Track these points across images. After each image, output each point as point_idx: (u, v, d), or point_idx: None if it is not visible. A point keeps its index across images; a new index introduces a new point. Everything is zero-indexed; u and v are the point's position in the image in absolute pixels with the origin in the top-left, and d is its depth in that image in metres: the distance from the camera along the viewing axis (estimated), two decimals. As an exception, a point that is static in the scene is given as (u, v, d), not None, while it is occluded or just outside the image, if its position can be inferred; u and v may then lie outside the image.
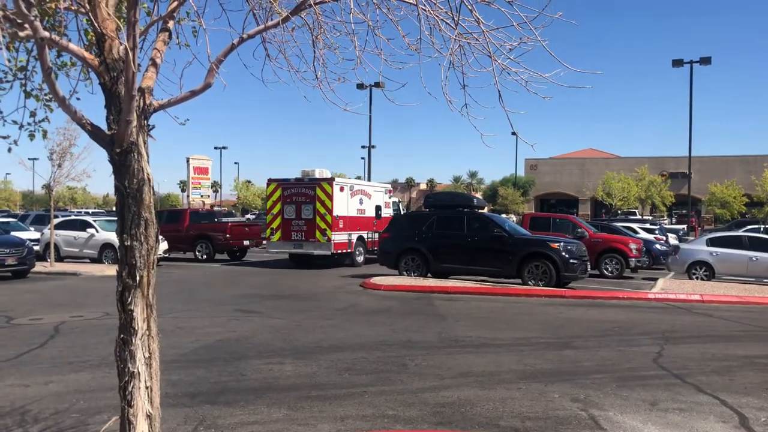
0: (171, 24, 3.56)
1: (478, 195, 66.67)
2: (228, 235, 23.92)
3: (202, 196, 56.22)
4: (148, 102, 3.36)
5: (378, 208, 23.92)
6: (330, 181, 21.21)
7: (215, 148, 78.58)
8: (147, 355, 3.31)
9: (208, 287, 15.86)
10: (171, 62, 3.88)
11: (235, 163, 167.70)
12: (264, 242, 23.91)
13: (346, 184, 22.56)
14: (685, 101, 40.37)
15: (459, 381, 6.83)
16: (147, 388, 3.28)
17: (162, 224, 23.81)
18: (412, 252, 17.26)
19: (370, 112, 45.60)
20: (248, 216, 51.97)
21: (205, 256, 24.03)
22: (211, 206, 55.92)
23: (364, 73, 3.94)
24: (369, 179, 53.53)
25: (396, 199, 28.33)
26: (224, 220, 26.60)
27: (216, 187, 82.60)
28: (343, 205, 21.35)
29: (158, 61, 3.47)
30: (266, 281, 17.16)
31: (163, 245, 21.91)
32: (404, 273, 17.21)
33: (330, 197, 20.66)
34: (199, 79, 3.53)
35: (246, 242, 24.84)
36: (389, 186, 27.34)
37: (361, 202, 22.77)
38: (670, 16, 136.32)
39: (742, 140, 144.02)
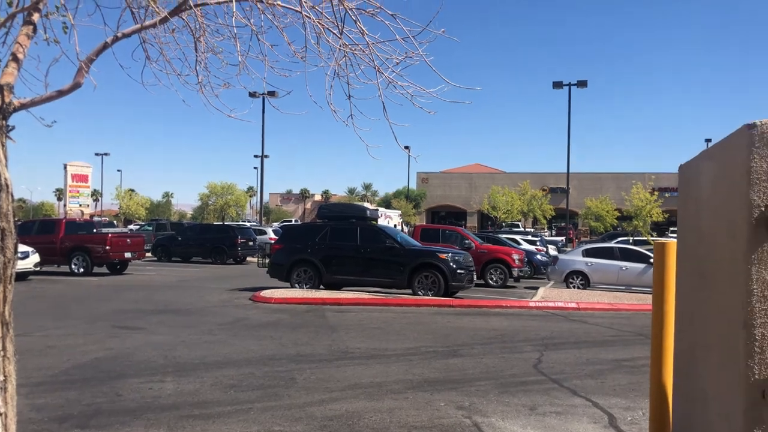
0: (36, 17, 3.29)
1: (373, 206, 67.37)
2: (108, 247, 22.51)
3: (80, 205, 52.77)
4: (7, 100, 3.07)
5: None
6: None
7: (96, 154, 74.39)
8: (1, 378, 3.00)
9: (84, 303, 14.84)
10: (38, 59, 3.59)
11: (118, 170, 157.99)
12: (147, 254, 23.57)
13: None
14: (564, 121, 42.96)
15: (347, 393, 6.80)
16: (1, 414, 2.97)
17: (33, 235, 22.10)
18: (304, 263, 17.07)
19: (263, 121, 45.01)
20: (131, 227, 49.36)
21: (81, 270, 22.48)
22: (90, 216, 52.55)
23: (249, 79, 3.85)
24: (262, 190, 53.25)
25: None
26: (104, 230, 25.05)
27: (96, 195, 77.96)
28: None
29: (20, 56, 3.19)
30: (149, 295, 16.33)
31: (35, 258, 20.27)
32: (296, 285, 16.96)
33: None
34: (71, 79, 3.29)
35: (127, 255, 23.52)
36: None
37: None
38: (552, 42, 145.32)
39: (614, 159, 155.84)
